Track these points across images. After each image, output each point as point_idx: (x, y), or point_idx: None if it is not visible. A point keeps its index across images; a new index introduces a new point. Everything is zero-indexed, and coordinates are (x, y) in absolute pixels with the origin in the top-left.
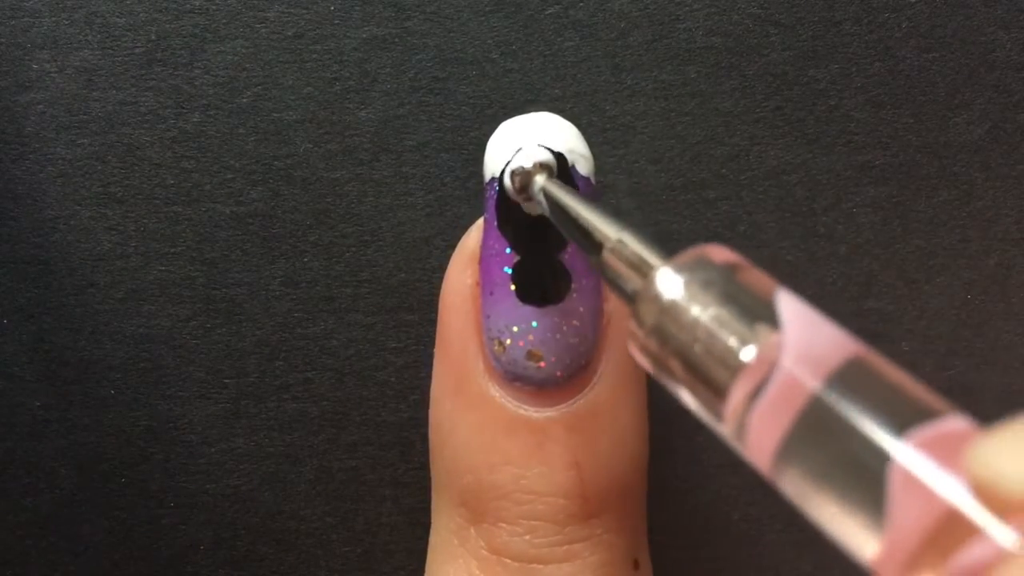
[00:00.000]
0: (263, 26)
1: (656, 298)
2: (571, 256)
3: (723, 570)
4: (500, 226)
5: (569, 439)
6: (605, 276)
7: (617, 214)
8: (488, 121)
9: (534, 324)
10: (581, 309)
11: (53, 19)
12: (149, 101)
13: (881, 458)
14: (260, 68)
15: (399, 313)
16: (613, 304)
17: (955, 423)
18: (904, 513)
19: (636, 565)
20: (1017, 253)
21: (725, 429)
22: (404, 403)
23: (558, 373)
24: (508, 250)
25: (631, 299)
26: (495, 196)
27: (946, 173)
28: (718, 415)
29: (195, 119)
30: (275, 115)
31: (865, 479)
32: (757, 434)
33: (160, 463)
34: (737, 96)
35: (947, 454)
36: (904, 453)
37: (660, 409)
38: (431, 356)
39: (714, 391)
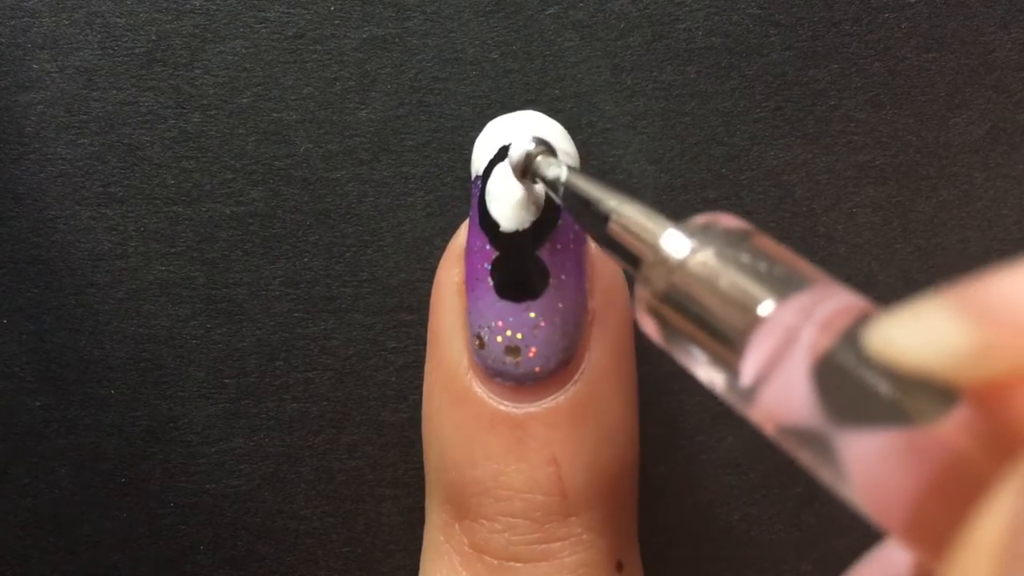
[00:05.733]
0: (263, 26)
1: (667, 259)
2: (549, 253)
3: (723, 570)
4: (481, 223)
5: (549, 435)
6: (610, 247)
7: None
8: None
9: (511, 319)
10: (560, 305)
11: (53, 19)
12: (149, 101)
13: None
14: (260, 68)
15: (399, 313)
16: (598, 302)
17: None
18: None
19: (620, 567)
20: (1017, 253)
21: (740, 387)
22: (404, 403)
23: (536, 368)
24: (488, 246)
25: (636, 263)
26: (478, 194)
27: (946, 173)
28: (734, 373)
29: (195, 119)
30: (275, 115)
31: None
32: (774, 395)
33: (160, 463)
34: (737, 96)
35: None
36: None
37: (660, 409)
38: None
39: (729, 350)
